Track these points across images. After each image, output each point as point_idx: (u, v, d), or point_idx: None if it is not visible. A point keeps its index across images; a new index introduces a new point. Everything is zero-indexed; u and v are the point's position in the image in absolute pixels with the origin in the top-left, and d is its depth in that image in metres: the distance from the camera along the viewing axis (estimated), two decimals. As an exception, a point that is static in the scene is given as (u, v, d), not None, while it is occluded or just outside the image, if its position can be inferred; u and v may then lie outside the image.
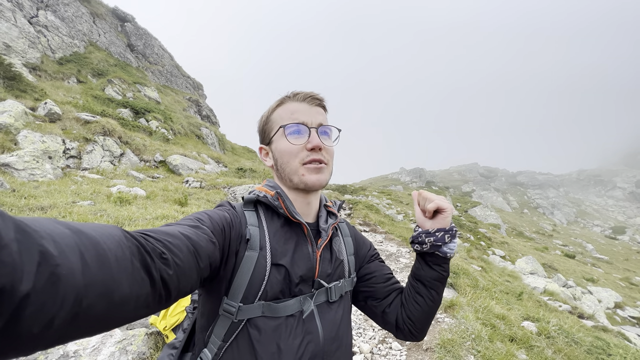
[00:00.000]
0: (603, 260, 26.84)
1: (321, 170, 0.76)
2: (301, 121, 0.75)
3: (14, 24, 11.62)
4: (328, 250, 0.81)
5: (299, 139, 0.75)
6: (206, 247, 0.58)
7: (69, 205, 4.48)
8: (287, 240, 0.74)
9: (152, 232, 0.50)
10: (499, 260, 14.07)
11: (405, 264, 5.34)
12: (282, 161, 0.77)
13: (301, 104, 0.78)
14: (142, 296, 0.42)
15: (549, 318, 4.03)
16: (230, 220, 0.70)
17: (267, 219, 0.75)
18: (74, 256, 0.32)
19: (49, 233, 0.31)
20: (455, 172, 69.02)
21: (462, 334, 2.93)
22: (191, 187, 8.23)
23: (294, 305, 0.71)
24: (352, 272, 0.86)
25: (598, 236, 42.24)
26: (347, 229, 0.93)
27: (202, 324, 0.73)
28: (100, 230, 0.39)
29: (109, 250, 0.37)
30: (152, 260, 0.45)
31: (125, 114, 12.05)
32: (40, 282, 0.28)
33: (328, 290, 0.77)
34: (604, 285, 16.54)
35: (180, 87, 22.77)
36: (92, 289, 0.34)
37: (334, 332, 0.75)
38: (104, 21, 18.63)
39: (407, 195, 32.39)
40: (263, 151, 0.84)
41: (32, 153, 6.14)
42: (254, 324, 0.67)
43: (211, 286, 0.69)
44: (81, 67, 13.81)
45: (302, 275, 0.73)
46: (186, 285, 0.52)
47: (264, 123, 0.82)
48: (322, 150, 0.76)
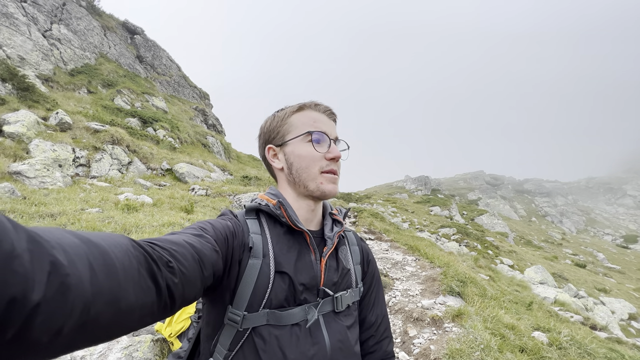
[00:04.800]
0: (615, 270, 26.14)
1: (336, 181, 0.79)
2: (324, 131, 0.78)
3: (29, 37, 12.02)
4: (334, 258, 0.80)
5: (321, 147, 0.77)
6: (210, 255, 0.59)
7: (77, 212, 4.55)
8: (290, 248, 0.74)
9: (159, 240, 0.51)
10: (507, 269, 13.80)
11: (411, 272, 5.28)
12: (299, 166, 0.77)
13: (322, 115, 0.81)
14: (148, 304, 0.42)
15: (561, 328, 3.92)
16: (233, 229, 0.70)
17: (269, 227, 0.75)
18: (83, 265, 0.33)
19: (59, 243, 0.32)
20: (460, 180, 68.48)
21: (470, 343, 2.87)
22: (197, 195, 8.29)
23: (299, 313, 0.70)
24: (359, 282, 0.85)
25: (609, 245, 41.25)
26: (354, 238, 0.92)
27: (208, 333, 0.73)
28: (109, 239, 0.40)
29: (117, 259, 0.38)
30: (159, 269, 0.45)
31: (133, 123, 12.27)
32: (51, 291, 0.29)
33: (334, 299, 0.76)
34: (617, 295, 16.07)
35: (187, 96, 23.17)
36: (100, 297, 0.34)
37: (341, 342, 0.74)
38: (115, 34, 19.18)
39: (412, 204, 32.17)
40: (271, 151, 0.83)
41: (43, 161, 6.27)
42: (259, 332, 0.67)
43: (215, 295, 0.69)
44: (92, 78, 14.16)
45: (305, 283, 0.72)
46: (190, 294, 0.53)
47: (278, 124, 0.81)
48: (338, 161, 0.79)
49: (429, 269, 5.36)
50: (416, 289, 4.41)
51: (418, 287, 4.49)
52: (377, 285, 0.93)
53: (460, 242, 17.11)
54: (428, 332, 3.23)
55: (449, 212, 29.70)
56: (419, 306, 3.77)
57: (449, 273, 4.75)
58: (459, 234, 18.72)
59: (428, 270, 5.33)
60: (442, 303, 3.83)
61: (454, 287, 4.23)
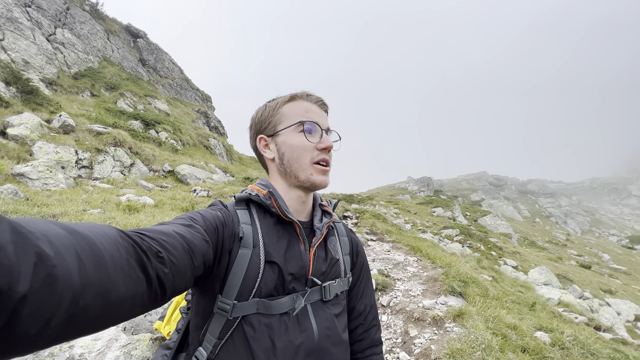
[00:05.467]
0: (621, 271, 25.83)
1: (327, 172, 0.78)
2: (315, 121, 0.78)
3: (33, 42, 12.17)
4: (323, 248, 0.81)
5: (313, 137, 0.77)
6: (200, 245, 0.59)
7: (79, 213, 4.57)
8: (280, 238, 0.74)
9: (148, 230, 0.51)
10: (510, 270, 13.69)
11: (413, 273, 5.25)
12: (291, 156, 0.77)
13: (313, 105, 0.80)
14: (138, 295, 0.42)
15: (564, 329, 3.88)
16: (223, 219, 0.70)
17: (259, 217, 0.76)
18: (70, 257, 0.32)
19: (44, 234, 0.31)
20: (463, 181, 68.12)
21: (471, 343, 2.84)
22: (199, 196, 8.32)
23: (287, 302, 0.71)
24: (348, 271, 0.86)
25: (614, 246, 40.78)
26: (344, 229, 0.92)
27: (197, 323, 0.73)
28: (96, 230, 0.39)
29: (105, 250, 0.37)
30: (148, 259, 0.45)
31: (135, 126, 12.36)
32: (37, 283, 0.28)
33: (322, 289, 0.77)
34: (623, 296, 15.87)
35: (190, 99, 23.31)
36: (89, 289, 0.34)
37: (329, 330, 0.75)
38: (118, 37, 19.35)
39: (415, 205, 32.03)
40: (263, 142, 0.82)
41: (46, 163, 6.32)
42: (249, 321, 0.68)
43: (204, 285, 0.69)
44: (95, 81, 14.29)
45: (294, 273, 0.73)
46: (181, 284, 0.53)
47: (270, 114, 0.81)
48: (329, 152, 0.79)
49: (431, 270, 5.33)
50: (417, 289, 4.39)
51: (419, 287, 4.46)
52: (365, 276, 0.94)
53: (463, 243, 17.01)
54: (429, 332, 3.21)
55: (451, 213, 29.53)
56: (420, 306, 3.75)
57: (451, 273, 4.72)
58: (462, 235, 18.61)
59: (430, 270, 5.29)
60: (444, 303, 3.81)
61: (456, 287, 4.20)
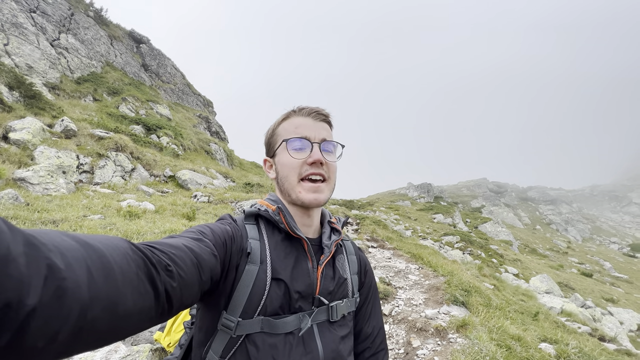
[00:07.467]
0: (622, 279, 25.65)
1: (319, 189, 0.75)
2: (304, 135, 0.76)
3: (37, 47, 12.26)
4: (331, 267, 0.79)
5: (300, 154, 0.75)
6: (208, 260, 0.58)
7: (79, 218, 4.55)
8: (287, 255, 0.73)
9: (158, 244, 0.51)
10: (512, 278, 13.60)
11: (414, 281, 5.20)
12: (282, 175, 0.77)
13: (306, 118, 0.78)
14: (146, 309, 0.41)
15: (568, 340, 3.83)
16: (232, 233, 0.70)
17: (267, 232, 0.75)
18: (80, 269, 0.32)
19: (56, 246, 0.31)
20: (463, 188, 68.04)
21: (475, 355, 2.80)
22: (199, 202, 8.30)
23: (293, 322, 0.69)
24: (356, 292, 0.84)
25: (616, 254, 40.56)
26: (352, 248, 0.91)
27: (200, 339, 0.72)
28: (107, 242, 0.39)
29: (115, 263, 0.37)
30: (157, 273, 0.45)
31: (137, 131, 12.38)
32: (47, 296, 0.28)
33: (329, 308, 0.75)
34: (625, 305, 15.74)
35: (191, 104, 23.42)
36: (97, 302, 0.33)
37: (334, 352, 0.73)
38: (121, 43, 19.53)
39: (415, 211, 31.96)
40: (267, 163, 0.84)
41: (47, 168, 6.31)
42: (253, 340, 0.66)
43: (210, 300, 0.68)
44: (97, 86, 14.37)
45: (301, 291, 0.71)
46: (188, 298, 0.52)
47: (269, 136, 0.83)
48: (324, 165, 0.75)
49: (433, 278, 5.28)
50: (419, 298, 4.34)
51: (421, 296, 4.42)
52: (373, 297, 0.92)
53: (464, 250, 16.93)
54: (432, 342, 3.17)
55: (452, 219, 29.44)
56: (423, 316, 3.70)
57: (453, 282, 4.68)
58: (463, 242, 18.54)
59: (431, 279, 5.25)
60: (446, 313, 3.76)
61: (458, 297, 4.16)
